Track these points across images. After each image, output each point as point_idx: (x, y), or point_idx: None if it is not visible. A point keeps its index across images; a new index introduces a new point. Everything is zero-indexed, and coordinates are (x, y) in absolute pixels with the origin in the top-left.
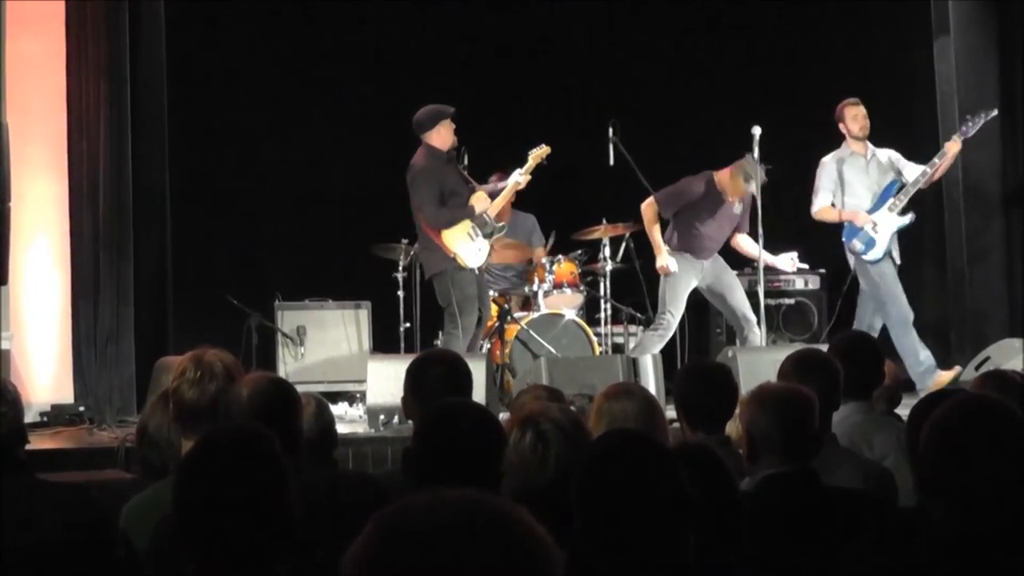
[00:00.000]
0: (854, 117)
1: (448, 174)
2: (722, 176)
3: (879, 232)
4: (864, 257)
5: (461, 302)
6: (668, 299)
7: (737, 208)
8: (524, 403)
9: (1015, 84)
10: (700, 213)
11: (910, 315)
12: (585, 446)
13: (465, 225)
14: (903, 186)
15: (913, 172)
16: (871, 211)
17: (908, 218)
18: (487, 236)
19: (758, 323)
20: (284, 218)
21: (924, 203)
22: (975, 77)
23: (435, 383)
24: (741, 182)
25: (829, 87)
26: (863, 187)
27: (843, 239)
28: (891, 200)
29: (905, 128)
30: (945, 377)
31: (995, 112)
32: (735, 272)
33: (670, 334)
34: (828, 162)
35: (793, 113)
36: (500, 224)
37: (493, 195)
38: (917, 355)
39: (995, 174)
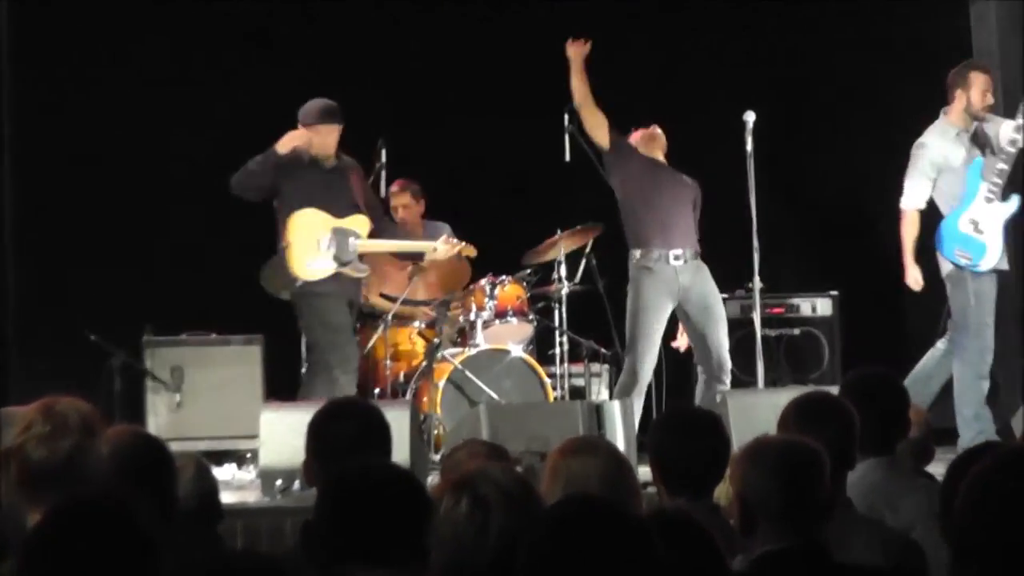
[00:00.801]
0: (983, 91)
1: (295, 175)
2: (636, 142)
3: (986, 232)
4: (978, 269)
5: (318, 334)
6: (629, 333)
7: (683, 176)
8: (459, 462)
9: None
10: (645, 188)
11: (988, 357)
12: (535, 515)
13: (315, 227)
14: (991, 160)
15: (1006, 131)
16: (964, 206)
17: (1014, 203)
18: (338, 260)
19: (755, 357)
20: (156, 233)
21: None
22: (1022, 46)
23: (343, 442)
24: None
25: (840, 65)
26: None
27: (936, 248)
28: (983, 184)
29: (934, 112)
30: None
31: None
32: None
33: (644, 383)
34: (928, 143)
35: (798, 94)
36: (364, 266)
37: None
38: (975, 412)
39: None
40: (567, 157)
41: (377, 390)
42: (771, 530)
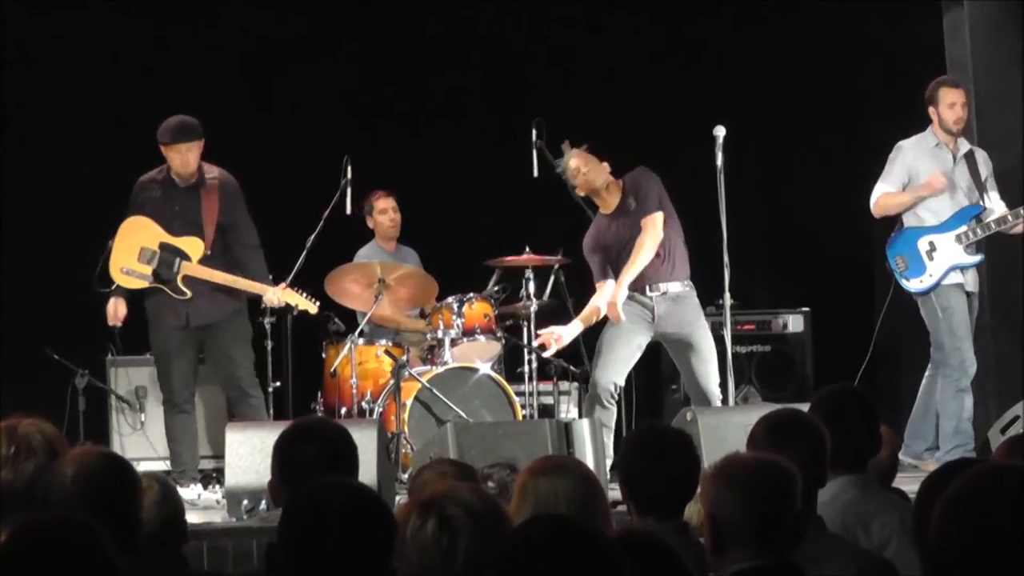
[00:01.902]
0: (950, 104)
1: (149, 200)
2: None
3: (935, 259)
4: (902, 282)
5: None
6: (598, 349)
7: (632, 203)
8: (426, 482)
9: None
10: (613, 231)
11: (969, 370)
12: (503, 536)
13: (141, 236)
14: (980, 214)
15: (998, 205)
16: (937, 230)
17: (976, 259)
18: (157, 276)
19: (726, 374)
20: None
21: None
22: (996, 59)
23: (309, 463)
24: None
25: (813, 77)
26: (947, 189)
27: (886, 249)
28: (964, 228)
29: (908, 125)
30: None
31: None
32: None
33: (609, 395)
34: (905, 147)
35: (766, 108)
36: (184, 290)
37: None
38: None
39: (1019, 188)
40: (535, 172)
41: (344, 409)
42: (743, 550)
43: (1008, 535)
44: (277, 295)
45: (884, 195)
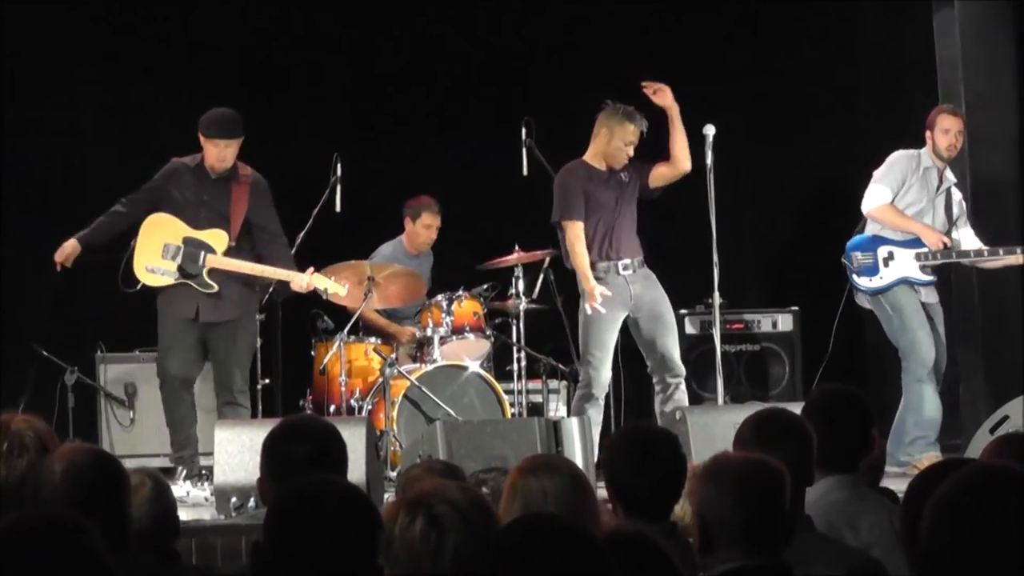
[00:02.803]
0: (945, 131)
1: (185, 190)
2: (596, 150)
3: (889, 267)
4: (853, 279)
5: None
6: (582, 343)
7: (626, 176)
8: (414, 479)
9: None
10: (602, 205)
11: (927, 360)
12: (492, 535)
13: (164, 233)
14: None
15: (966, 238)
16: (900, 244)
17: (927, 278)
18: (182, 271)
19: (715, 373)
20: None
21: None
22: (986, 58)
23: (298, 461)
24: (629, 126)
25: (803, 76)
26: (925, 212)
27: (845, 246)
28: (926, 249)
29: (898, 124)
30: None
31: None
32: (673, 307)
33: (601, 393)
34: (902, 159)
35: (756, 108)
36: (211, 283)
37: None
38: (915, 419)
39: (1011, 187)
40: (524, 171)
41: (333, 407)
42: (731, 549)
43: (1000, 536)
44: (305, 280)
45: (888, 207)
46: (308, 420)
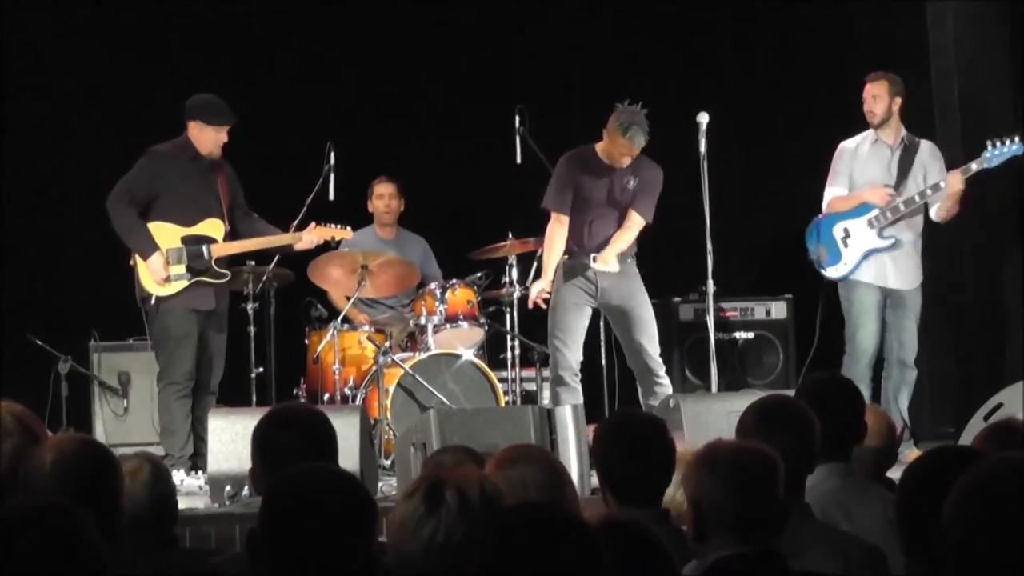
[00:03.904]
0: (863, 100)
1: (176, 179)
2: (602, 146)
3: (849, 246)
4: (822, 271)
5: (160, 345)
6: (549, 326)
7: (631, 183)
8: (441, 464)
9: None
10: (588, 197)
11: (866, 360)
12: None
13: (161, 241)
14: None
15: (931, 180)
16: (850, 215)
17: (887, 242)
18: (192, 271)
19: (708, 361)
20: (101, 237)
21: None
22: (981, 46)
23: (289, 449)
24: (620, 137)
25: (796, 65)
26: (884, 181)
27: (805, 239)
28: (876, 212)
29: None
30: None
31: (1018, 148)
32: (667, 294)
33: (572, 373)
34: (846, 147)
35: (750, 96)
36: (223, 271)
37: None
38: None
39: (1004, 176)
40: (518, 159)
41: (326, 396)
42: (725, 537)
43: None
44: (311, 236)
45: (834, 199)
46: (298, 407)
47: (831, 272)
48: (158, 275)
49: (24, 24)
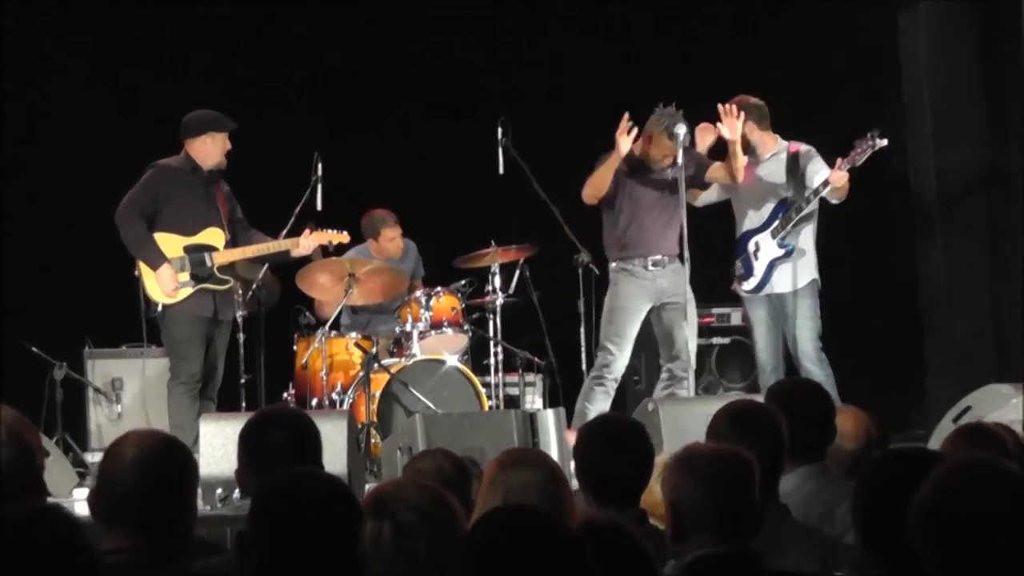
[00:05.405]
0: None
1: (180, 191)
2: (642, 149)
3: (759, 259)
4: (742, 287)
5: (170, 349)
6: (605, 329)
7: (670, 174)
8: (421, 470)
9: (1002, 65)
10: (630, 193)
11: (769, 369)
12: (457, 531)
13: (165, 252)
14: (789, 208)
15: (819, 178)
16: (760, 230)
17: (785, 249)
18: (196, 278)
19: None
20: (94, 246)
21: (888, 218)
22: (951, 53)
23: (274, 451)
24: (665, 139)
25: (770, 73)
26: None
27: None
28: (777, 223)
29: (865, 115)
30: None
31: (884, 142)
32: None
33: (613, 378)
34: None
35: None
36: (223, 278)
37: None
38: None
39: (977, 179)
40: (500, 170)
41: (314, 400)
42: (703, 537)
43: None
44: (308, 241)
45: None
46: (283, 409)
47: (745, 286)
48: (167, 286)
49: (25, 25)
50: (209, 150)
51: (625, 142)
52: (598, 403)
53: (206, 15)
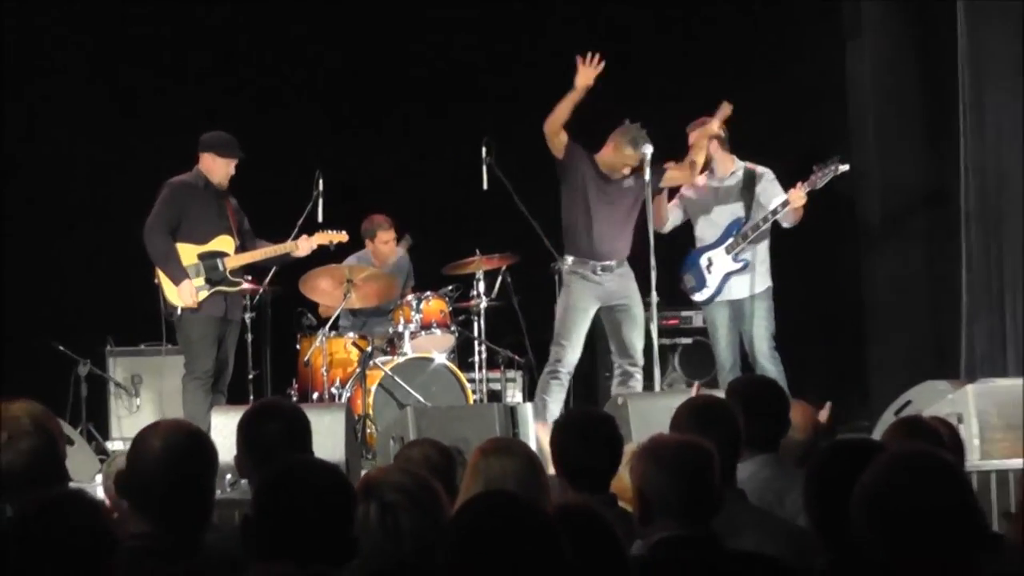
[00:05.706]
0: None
1: (194, 205)
2: (602, 156)
3: (712, 273)
4: (693, 297)
5: (185, 348)
6: (558, 326)
7: (629, 182)
8: (411, 458)
9: (941, 91)
10: (588, 200)
11: (727, 369)
12: (440, 512)
13: (184, 258)
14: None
15: (775, 200)
16: (713, 246)
17: (740, 264)
18: (211, 282)
19: (651, 364)
20: (116, 252)
21: (835, 228)
22: (894, 83)
23: (269, 439)
24: (628, 149)
25: (730, 90)
26: (713, 216)
27: (680, 269)
28: (731, 239)
29: (812, 140)
30: None
31: (846, 167)
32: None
33: (567, 371)
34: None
35: (690, 118)
36: (235, 280)
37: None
38: None
39: (918, 193)
40: (484, 186)
41: (315, 395)
42: (668, 520)
43: (924, 514)
44: (307, 243)
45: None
46: (278, 402)
47: (698, 296)
48: (188, 300)
49: (25, 25)
50: (211, 168)
51: (585, 72)
52: (555, 394)
53: (206, 15)
